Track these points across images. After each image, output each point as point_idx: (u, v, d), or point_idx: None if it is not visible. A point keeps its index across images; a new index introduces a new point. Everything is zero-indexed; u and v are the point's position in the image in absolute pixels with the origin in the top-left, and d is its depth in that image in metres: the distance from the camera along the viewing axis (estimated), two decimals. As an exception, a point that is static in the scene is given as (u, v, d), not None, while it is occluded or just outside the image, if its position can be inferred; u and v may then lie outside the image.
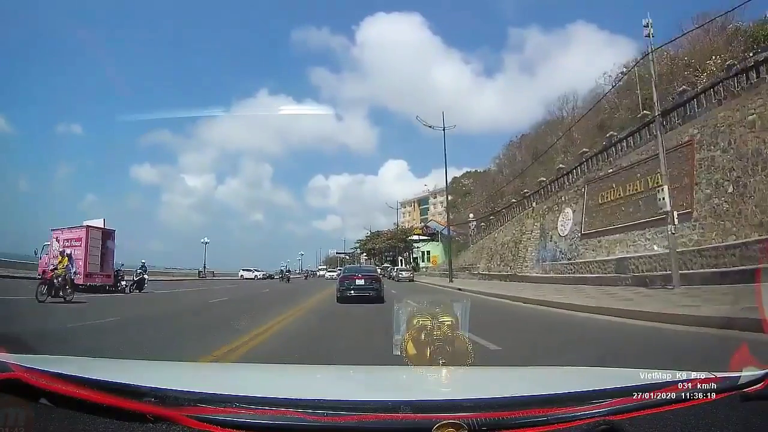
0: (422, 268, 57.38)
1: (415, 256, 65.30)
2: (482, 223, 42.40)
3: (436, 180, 79.94)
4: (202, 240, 51.90)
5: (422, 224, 72.09)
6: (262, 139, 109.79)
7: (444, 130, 30.96)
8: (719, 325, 6.39)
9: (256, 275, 42.70)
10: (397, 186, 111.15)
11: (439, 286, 26.61)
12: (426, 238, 64.17)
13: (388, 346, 1.96)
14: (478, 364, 1.84)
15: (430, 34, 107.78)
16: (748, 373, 1.17)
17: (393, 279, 40.00)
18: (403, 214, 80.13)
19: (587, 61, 67.41)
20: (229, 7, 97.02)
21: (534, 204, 30.03)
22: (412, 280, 37.31)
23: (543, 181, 29.31)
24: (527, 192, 31.80)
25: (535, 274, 25.82)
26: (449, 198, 69.78)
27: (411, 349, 1.82)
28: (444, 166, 29.19)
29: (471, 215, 46.63)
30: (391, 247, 69.48)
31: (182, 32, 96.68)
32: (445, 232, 57.29)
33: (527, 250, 29.11)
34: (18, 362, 1.15)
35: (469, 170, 66.18)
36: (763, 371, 1.16)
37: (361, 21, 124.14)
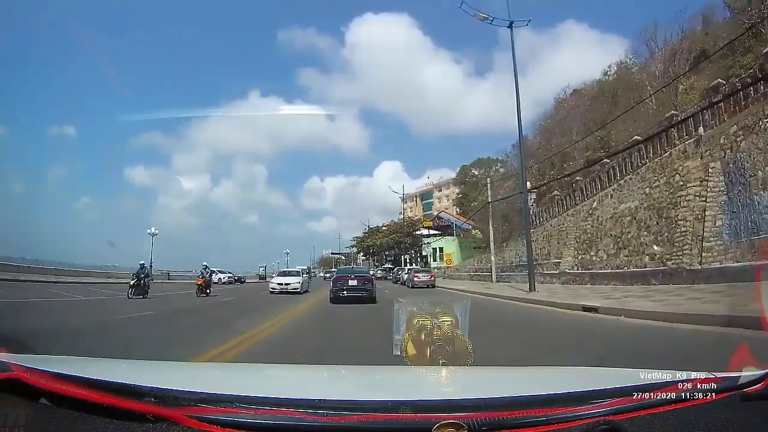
0: (433, 268, 44.13)
1: (424, 254, 55.05)
2: (556, 193, 26.17)
3: (432, 180, 75.49)
4: (148, 231, 38.59)
5: (433, 215, 60.33)
6: (255, 141, 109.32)
7: (511, 27, 17.85)
8: None
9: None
10: (393, 186, 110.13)
11: (513, 298, 15.18)
12: (436, 232, 53.91)
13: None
14: (478, 364, 1.84)
15: (420, 35, 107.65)
16: (748, 373, 1.17)
17: (403, 283, 29.15)
18: (404, 209, 72.63)
19: (578, 61, 65.95)
20: (221, 11, 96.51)
21: (701, 130, 14.92)
22: (434, 286, 25.60)
23: (722, 84, 14.86)
24: (676, 114, 16.85)
25: (734, 264, 12.34)
26: (457, 192, 60.08)
27: (411, 349, 1.82)
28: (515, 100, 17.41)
29: (528, 185, 26.30)
30: (395, 242, 59.95)
31: (177, 34, 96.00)
32: (464, 226, 48.44)
33: (701, 217, 14.07)
34: (18, 362, 1.15)
35: (481, 157, 55.13)
36: (763, 371, 1.16)
37: (350, 22, 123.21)
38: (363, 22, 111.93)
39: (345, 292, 14.17)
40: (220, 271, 37.18)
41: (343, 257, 79.29)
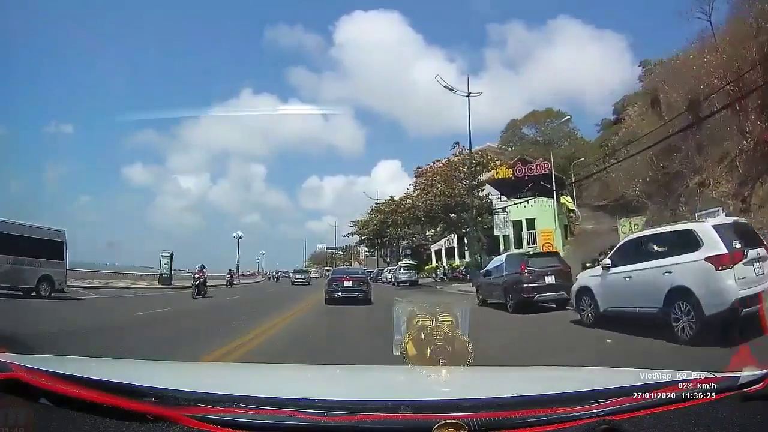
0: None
1: (496, 233, 29.48)
2: None
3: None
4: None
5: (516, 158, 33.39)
6: (249, 142, 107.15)
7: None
8: None
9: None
10: (391, 185, 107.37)
11: None
12: (504, 198, 30.39)
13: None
14: (478, 364, 1.84)
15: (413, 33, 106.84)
16: (748, 373, 1.17)
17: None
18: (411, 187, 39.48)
19: (572, 57, 63.90)
20: (217, 12, 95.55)
21: None
22: None
23: None
24: None
25: None
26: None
27: (411, 349, 1.82)
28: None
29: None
30: (443, 207, 29.46)
31: (179, 32, 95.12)
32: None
33: None
34: (18, 362, 1.15)
35: (536, 109, 40.01)
36: (763, 371, 1.16)
37: (337, 21, 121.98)
38: (352, 20, 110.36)
39: (340, 293, 13.87)
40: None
41: (340, 252, 70.25)
